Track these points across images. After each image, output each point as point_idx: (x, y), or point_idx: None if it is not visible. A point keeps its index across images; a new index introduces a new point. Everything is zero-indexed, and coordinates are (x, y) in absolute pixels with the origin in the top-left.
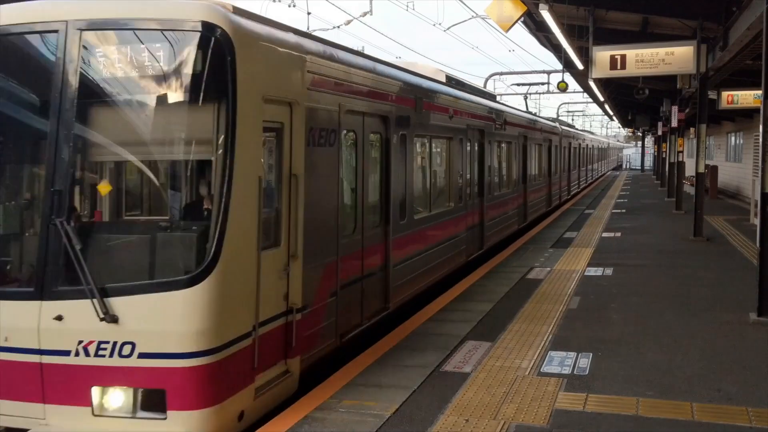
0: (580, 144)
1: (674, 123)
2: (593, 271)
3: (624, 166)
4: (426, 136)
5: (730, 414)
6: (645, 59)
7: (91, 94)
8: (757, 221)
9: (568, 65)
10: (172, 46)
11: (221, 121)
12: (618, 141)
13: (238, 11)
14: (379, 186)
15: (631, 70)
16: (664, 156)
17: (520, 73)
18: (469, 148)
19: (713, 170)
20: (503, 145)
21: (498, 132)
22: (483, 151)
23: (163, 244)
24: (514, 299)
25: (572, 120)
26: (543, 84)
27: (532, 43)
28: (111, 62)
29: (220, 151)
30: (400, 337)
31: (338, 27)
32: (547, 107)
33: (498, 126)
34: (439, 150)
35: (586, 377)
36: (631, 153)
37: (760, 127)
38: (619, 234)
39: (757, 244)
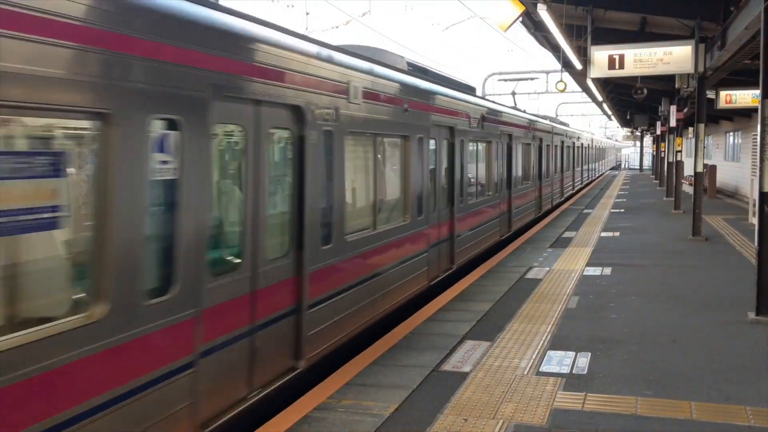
0: (539, 139)
1: (673, 122)
2: (592, 271)
3: (622, 166)
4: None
5: (729, 413)
6: (643, 59)
7: None
8: (755, 220)
9: (566, 65)
10: None
11: None
12: (609, 138)
13: None
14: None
15: (630, 69)
16: (662, 156)
17: (519, 72)
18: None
19: (712, 170)
20: None
21: None
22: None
23: None
24: (513, 299)
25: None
26: None
27: (531, 42)
28: None
29: None
30: (399, 336)
31: (337, 27)
32: (543, 107)
33: None
34: None
35: (584, 377)
36: (630, 153)
37: (758, 126)
38: (617, 233)
39: (755, 244)
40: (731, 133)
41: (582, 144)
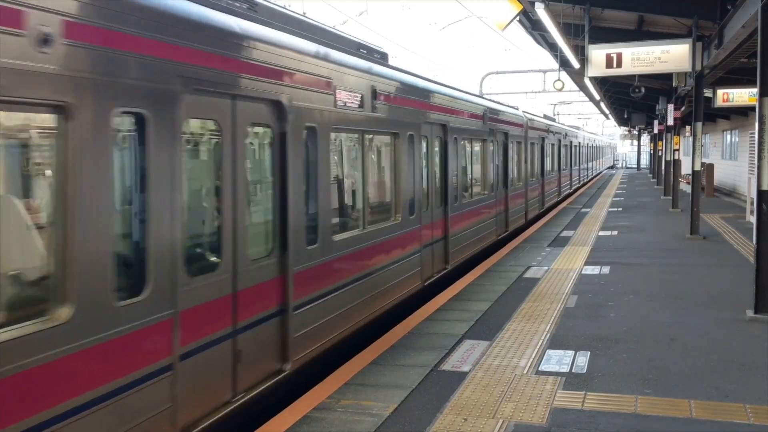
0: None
1: (670, 121)
2: (590, 270)
3: (620, 165)
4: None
5: (728, 411)
6: (641, 58)
7: None
8: (753, 219)
9: (564, 64)
10: None
11: None
12: (594, 134)
13: None
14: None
15: (627, 68)
16: (660, 154)
17: (517, 72)
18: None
19: (709, 168)
20: None
21: None
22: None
23: None
24: (512, 298)
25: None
26: None
27: (529, 42)
28: None
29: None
30: (398, 336)
31: (334, 27)
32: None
33: None
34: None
35: (583, 375)
36: (628, 151)
37: (756, 124)
38: (615, 232)
39: (754, 242)
40: (728, 132)
41: (589, 143)
